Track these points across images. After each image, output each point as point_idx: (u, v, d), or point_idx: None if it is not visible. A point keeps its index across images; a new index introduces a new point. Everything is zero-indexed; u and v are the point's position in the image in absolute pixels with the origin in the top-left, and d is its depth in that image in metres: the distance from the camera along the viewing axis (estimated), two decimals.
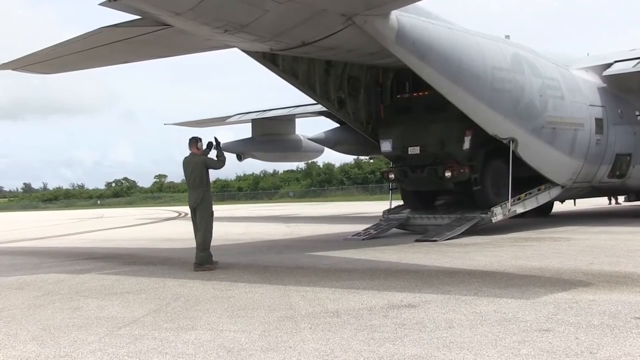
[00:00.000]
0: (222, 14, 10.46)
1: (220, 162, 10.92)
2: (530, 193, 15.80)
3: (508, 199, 14.90)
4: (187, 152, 10.97)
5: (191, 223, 10.94)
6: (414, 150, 15.38)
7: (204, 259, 10.40)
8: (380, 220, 16.49)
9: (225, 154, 11.20)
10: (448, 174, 14.72)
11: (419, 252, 11.63)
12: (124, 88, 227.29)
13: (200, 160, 10.71)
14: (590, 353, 4.64)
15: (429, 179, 15.32)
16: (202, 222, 10.51)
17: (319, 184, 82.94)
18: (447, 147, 14.93)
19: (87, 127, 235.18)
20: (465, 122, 14.51)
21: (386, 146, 15.99)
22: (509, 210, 14.96)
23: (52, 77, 16.12)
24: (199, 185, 10.59)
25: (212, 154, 10.99)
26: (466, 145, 14.77)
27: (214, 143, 11.03)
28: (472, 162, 14.97)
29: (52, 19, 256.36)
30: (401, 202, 17.37)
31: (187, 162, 10.80)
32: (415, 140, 15.39)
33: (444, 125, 14.94)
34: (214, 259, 10.58)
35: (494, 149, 15.25)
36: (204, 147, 10.92)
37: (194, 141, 10.86)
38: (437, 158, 15.08)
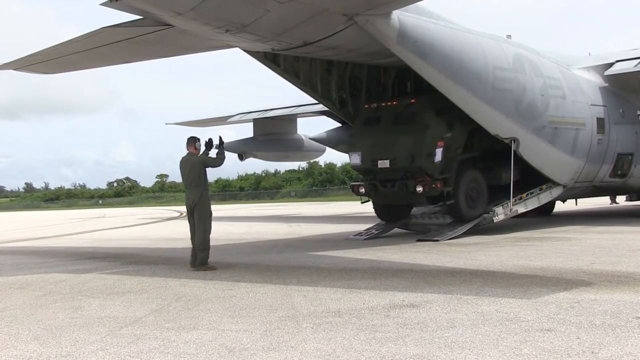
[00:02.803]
0: (224, 13, 10.46)
1: (219, 160, 10.74)
2: (532, 193, 15.78)
3: (509, 202, 14.84)
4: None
5: None
6: (384, 163, 14.41)
7: (204, 259, 10.38)
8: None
9: (227, 153, 11.12)
10: (419, 189, 13.87)
11: (420, 252, 11.63)
12: (125, 87, 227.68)
13: (198, 159, 10.62)
14: (592, 353, 4.64)
15: (400, 194, 14.48)
16: (201, 223, 10.44)
17: (321, 183, 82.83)
18: (417, 161, 13.99)
19: (88, 126, 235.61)
20: (436, 133, 14.06)
21: (355, 159, 15.03)
22: (511, 210, 14.94)
23: (52, 76, 16.14)
24: (197, 185, 10.50)
25: (213, 152, 10.88)
26: (438, 157, 13.97)
27: (217, 142, 10.90)
28: (444, 174, 14.20)
29: (50, 18, 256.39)
30: None
31: (184, 162, 10.70)
32: (385, 153, 14.42)
33: (414, 138, 14.08)
34: (214, 259, 10.58)
35: (468, 159, 14.94)
36: (202, 146, 10.79)
37: (192, 141, 10.75)
38: (407, 172, 14.18)
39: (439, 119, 14.20)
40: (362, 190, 15.19)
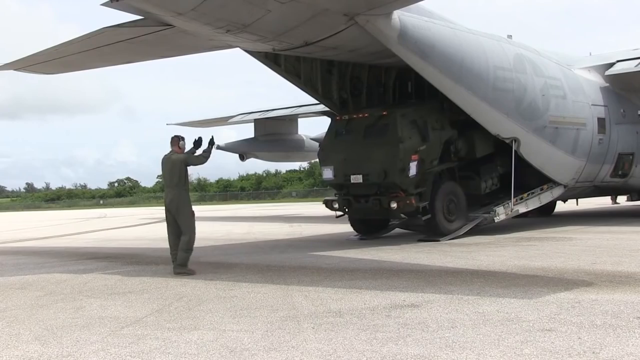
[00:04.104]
0: (224, 14, 10.47)
1: (202, 158, 10.59)
2: (533, 193, 15.77)
3: (510, 202, 14.84)
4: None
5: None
6: (357, 178, 13.78)
7: (185, 260, 10.08)
8: None
9: (228, 154, 11.09)
10: (394, 205, 13.29)
11: (421, 252, 11.63)
12: (125, 87, 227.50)
13: (180, 158, 10.42)
14: (593, 353, 4.64)
15: (374, 210, 13.90)
16: (186, 223, 10.24)
17: (322, 183, 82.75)
18: (391, 176, 13.33)
19: (88, 126, 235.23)
20: (409, 147, 13.42)
21: (327, 174, 14.42)
22: (512, 210, 14.93)
23: (52, 76, 16.14)
24: (177, 184, 10.34)
25: (200, 151, 10.68)
26: (412, 172, 13.34)
27: (209, 141, 10.81)
28: (420, 189, 13.66)
29: (50, 18, 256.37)
30: None
31: (166, 160, 10.53)
32: (357, 168, 13.78)
33: (387, 152, 13.39)
34: (215, 259, 10.55)
35: (444, 171, 14.50)
36: (186, 146, 10.63)
37: (176, 139, 10.61)
38: (381, 187, 13.64)
39: (412, 131, 13.60)
40: (336, 205, 14.76)
